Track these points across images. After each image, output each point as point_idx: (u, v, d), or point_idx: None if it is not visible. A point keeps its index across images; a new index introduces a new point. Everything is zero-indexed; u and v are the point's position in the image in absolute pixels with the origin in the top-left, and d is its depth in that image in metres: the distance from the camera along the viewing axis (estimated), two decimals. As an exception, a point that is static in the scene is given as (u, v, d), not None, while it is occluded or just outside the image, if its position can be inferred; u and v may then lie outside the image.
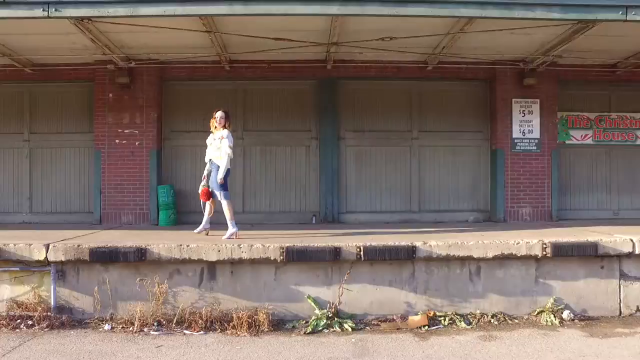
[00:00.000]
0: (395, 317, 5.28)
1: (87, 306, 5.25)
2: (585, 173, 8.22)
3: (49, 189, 7.96)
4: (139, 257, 5.11)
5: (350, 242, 5.33)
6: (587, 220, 7.69)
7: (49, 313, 5.16)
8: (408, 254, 5.23)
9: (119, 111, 7.61)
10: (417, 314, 5.29)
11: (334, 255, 5.13)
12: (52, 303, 5.23)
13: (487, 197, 8.13)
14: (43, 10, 5.26)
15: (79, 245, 5.19)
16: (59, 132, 7.96)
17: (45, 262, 5.21)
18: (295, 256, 5.11)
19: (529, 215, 7.81)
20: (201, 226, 6.10)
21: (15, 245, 5.19)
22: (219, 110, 6.06)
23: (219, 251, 5.15)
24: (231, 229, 5.79)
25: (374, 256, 5.17)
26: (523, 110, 7.83)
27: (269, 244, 5.21)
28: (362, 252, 5.17)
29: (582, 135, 8.14)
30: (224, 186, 5.86)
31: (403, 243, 5.29)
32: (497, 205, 7.84)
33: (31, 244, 5.20)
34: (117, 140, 7.61)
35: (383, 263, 5.32)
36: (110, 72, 7.46)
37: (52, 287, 5.24)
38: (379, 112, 8.03)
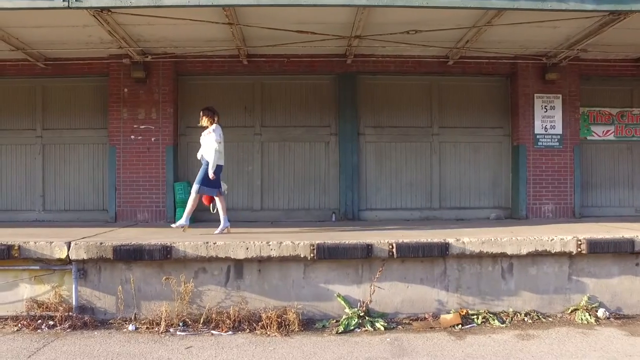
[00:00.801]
0: (427, 316, 5.15)
1: (110, 306, 5.08)
2: (607, 169, 8.12)
3: (62, 186, 7.79)
4: (164, 255, 4.95)
5: (379, 239, 5.18)
6: (610, 217, 7.61)
7: (70, 313, 4.99)
8: (441, 251, 5.10)
9: (134, 106, 7.44)
10: (449, 313, 5.16)
11: (366, 252, 4.99)
12: (74, 303, 5.06)
13: (508, 194, 8.02)
14: (63, 0, 5.09)
15: (101, 243, 5.02)
16: (72, 127, 7.79)
17: (67, 261, 5.04)
18: (327, 253, 4.96)
19: (551, 212, 7.70)
20: (221, 226, 5.93)
21: (35, 243, 5.02)
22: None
23: (247, 249, 5.00)
24: (182, 221, 5.89)
25: (407, 253, 5.03)
26: (545, 106, 7.71)
27: (297, 241, 5.06)
28: (394, 249, 5.03)
29: (603, 131, 8.04)
30: (205, 181, 5.76)
31: (436, 240, 5.15)
32: (519, 202, 7.72)
33: (52, 242, 5.03)
34: (132, 136, 7.44)
35: (414, 260, 5.18)
36: (125, 66, 7.30)
37: (73, 286, 5.07)
38: (398, 107, 7.91)
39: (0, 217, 7.62)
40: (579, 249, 5.21)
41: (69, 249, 5.00)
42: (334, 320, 5.00)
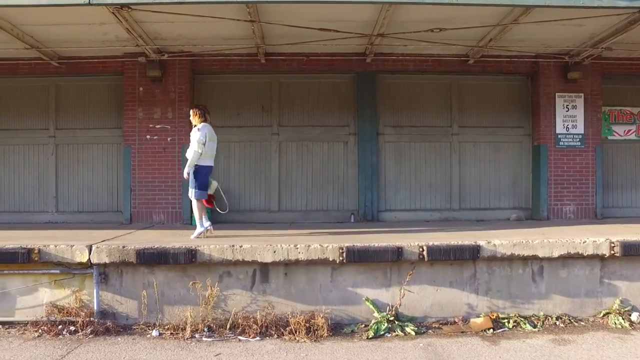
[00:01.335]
0: (457, 320, 5.04)
1: (132, 311, 4.95)
2: (629, 169, 7.99)
3: (76, 187, 7.64)
4: (190, 259, 4.82)
5: (408, 241, 5.07)
6: (632, 218, 7.50)
7: (91, 318, 4.85)
8: (472, 254, 4.98)
9: (150, 105, 7.29)
10: (478, 316, 5.05)
11: (397, 255, 4.87)
12: (95, 308, 4.92)
13: (528, 195, 7.90)
14: (84, -3, 4.96)
15: (123, 247, 4.89)
16: (86, 127, 7.64)
17: (88, 265, 4.90)
18: (357, 256, 4.84)
19: (573, 213, 7.59)
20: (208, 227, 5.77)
21: (56, 246, 4.88)
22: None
23: (275, 252, 4.87)
24: (199, 228, 5.61)
25: (438, 256, 4.91)
26: (567, 105, 7.59)
27: (326, 243, 4.94)
28: (425, 252, 4.91)
29: (625, 131, 7.93)
30: (196, 184, 5.62)
31: (466, 242, 5.04)
32: (540, 203, 7.60)
33: (73, 245, 4.89)
34: (147, 136, 7.29)
35: (444, 263, 5.07)
36: (141, 65, 7.15)
37: (94, 290, 4.93)
38: (418, 107, 7.78)
39: (13, 219, 7.49)
40: (612, 252, 5.09)
41: (90, 253, 4.86)
42: (363, 325, 4.89)
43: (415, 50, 7.26)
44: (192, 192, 5.66)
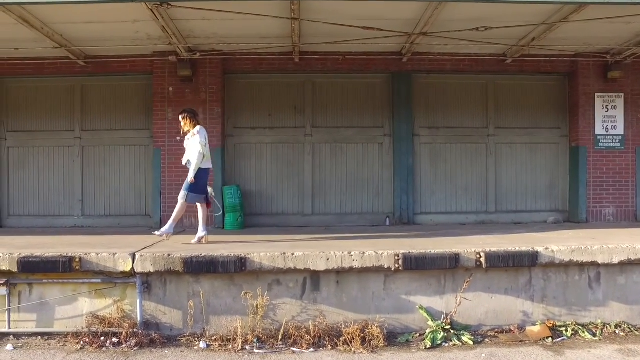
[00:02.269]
0: (512, 328, 4.86)
1: (176, 321, 4.74)
2: (667, 171, 7.86)
3: (103, 190, 7.43)
4: (240, 268, 4.61)
5: (464, 247, 4.88)
6: (673, 221, 7.37)
7: (135, 329, 4.63)
8: (531, 260, 4.80)
9: (180, 106, 6.90)
10: (534, 324, 4.87)
11: (455, 262, 4.69)
12: (138, 318, 4.71)
13: (565, 197, 7.73)
14: (126, -8, 4.75)
15: (169, 255, 4.67)
16: (113, 128, 7.42)
17: (131, 273, 4.68)
18: (413, 264, 4.65)
19: (612, 216, 7.43)
20: (198, 234, 5.66)
21: (97, 254, 4.67)
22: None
23: (328, 259, 4.67)
24: (165, 228, 5.59)
25: (497, 263, 4.73)
26: (606, 106, 7.43)
27: (381, 250, 4.75)
28: (482, 259, 4.73)
29: (663, 132, 7.79)
30: (192, 187, 5.50)
31: (524, 248, 4.86)
32: (579, 205, 7.45)
33: (116, 254, 4.68)
34: (178, 138, 6.99)
35: (499, 270, 4.88)
36: (170, 64, 6.93)
37: (138, 300, 4.72)
38: (454, 107, 7.60)
39: (39, 223, 7.29)
40: (675, 258, 4.94)
41: (134, 261, 4.66)
42: (417, 334, 4.70)
43: (452, 50, 7.08)
44: (183, 194, 5.50)
